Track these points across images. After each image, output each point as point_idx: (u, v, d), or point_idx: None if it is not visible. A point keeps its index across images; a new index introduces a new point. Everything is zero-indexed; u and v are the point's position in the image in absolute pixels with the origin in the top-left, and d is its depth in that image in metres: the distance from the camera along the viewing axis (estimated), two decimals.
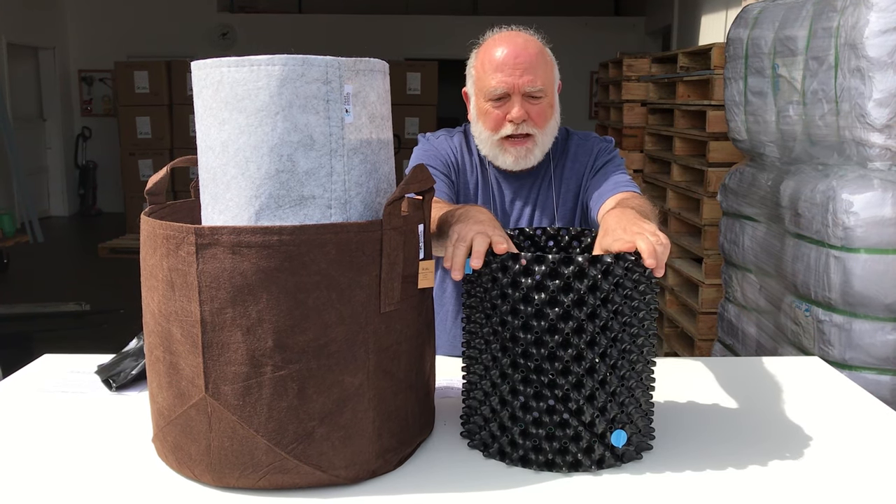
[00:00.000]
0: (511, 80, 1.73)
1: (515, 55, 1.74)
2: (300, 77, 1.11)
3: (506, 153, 1.79)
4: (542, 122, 1.77)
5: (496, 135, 1.78)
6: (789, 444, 1.32)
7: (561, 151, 1.90)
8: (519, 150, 1.78)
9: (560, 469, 1.22)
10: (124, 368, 1.56)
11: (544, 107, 1.77)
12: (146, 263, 1.19)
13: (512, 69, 1.73)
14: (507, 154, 1.79)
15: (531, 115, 1.75)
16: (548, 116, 1.78)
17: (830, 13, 2.31)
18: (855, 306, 2.27)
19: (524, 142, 1.78)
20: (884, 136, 2.20)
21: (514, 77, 1.73)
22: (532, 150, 1.79)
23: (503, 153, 1.79)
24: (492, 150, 1.80)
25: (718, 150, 3.65)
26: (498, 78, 1.74)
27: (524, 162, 1.80)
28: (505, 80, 1.73)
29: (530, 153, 1.79)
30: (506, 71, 1.73)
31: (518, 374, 1.21)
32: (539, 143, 1.79)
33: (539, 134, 1.78)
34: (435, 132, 1.96)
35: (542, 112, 1.77)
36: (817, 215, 2.36)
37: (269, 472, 1.13)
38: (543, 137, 1.79)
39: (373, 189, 1.20)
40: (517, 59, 1.74)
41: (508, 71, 1.73)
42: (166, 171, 1.32)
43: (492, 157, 1.83)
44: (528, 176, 1.88)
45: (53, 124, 10.32)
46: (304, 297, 1.10)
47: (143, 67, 8.43)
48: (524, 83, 1.73)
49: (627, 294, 1.20)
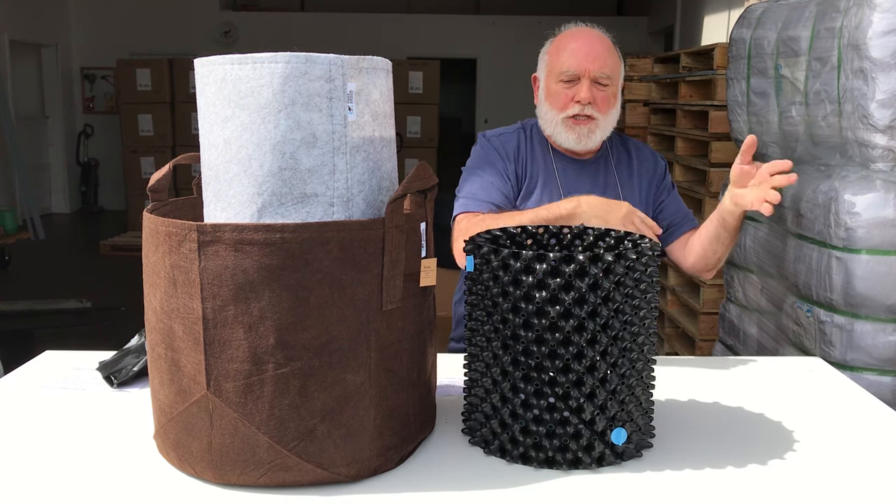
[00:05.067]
0: (584, 64, 1.88)
1: (590, 43, 1.90)
2: (303, 75, 1.12)
3: (569, 131, 1.91)
4: (606, 109, 1.91)
5: (562, 114, 1.90)
6: (790, 445, 1.32)
7: (621, 151, 2.03)
8: (581, 129, 1.90)
9: (560, 467, 1.22)
10: (126, 365, 1.57)
11: (609, 95, 1.91)
12: (148, 260, 1.19)
13: (586, 54, 1.89)
14: (571, 132, 1.91)
15: (597, 100, 1.89)
16: (611, 104, 1.92)
17: (834, 14, 2.31)
18: (857, 307, 2.27)
19: (587, 122, 1.90)
20: (887, 137, 2.20)
21: (587, 62, 1.88)
22: (594, 131, 1.91)
23: (567, 131, 1.91)
24: (555, 128, 1.93)
25: (720, 150, 3.64)
26: (571, 60, 1.89)
27: (586, 141, 1.92)
28: (577, 63, 1.88)
29: (592, 133, 1.91)
30: (579, 55, 1.89)
31: (519, 372, 1.21)
32: (601, 126, 1.92)
33: (601, 119, 1.91)
34: (494, 130, 2.08)
35: (607, 99, 1.91)
36: (819, 216, 2.35)
37: (270, 469, 1.13)
38: (605, 123, 1.92)
39: (375, 187, 1.20)
40: (591, 46, 1.90)
41: (582, 55, 1.89)
42: (169, 168, 1.32)
43: (554, 136, 1.94)
44: (589, 165, 1.99)
45: (55, 121, 10.33)
46: (307, 294, 1.10)
47: (145, 65, 8.44)
48: (595, 68, 1.88)
49: (628, 292, 1.20)
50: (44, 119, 10.26)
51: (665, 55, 4.93)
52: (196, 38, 10.36)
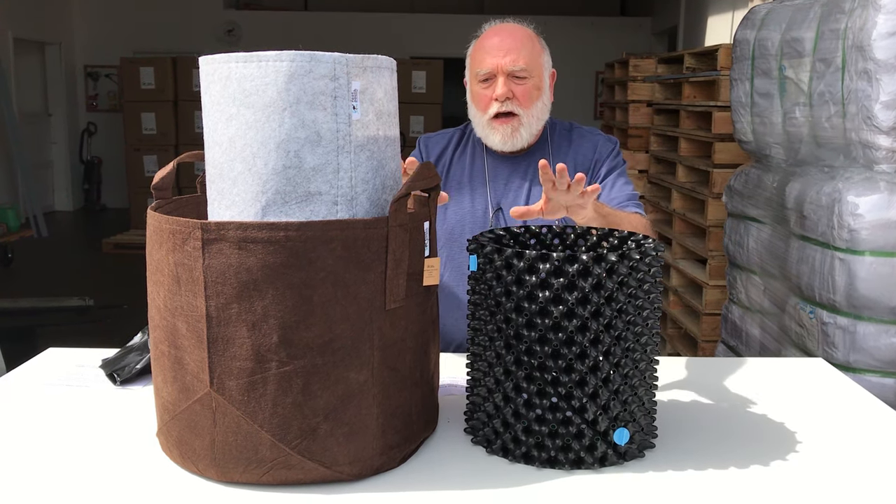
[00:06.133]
0: (495, 61, 1.82)
1: (501, 38, 1.84)
2: (308, 73, 1.12)
3: (494, 132, 1.86)
4: (528, 103, 1.84)
5: (485, 115, 1.85)
6: (792, 445, 1.32)
7: (562, 141, 1.95)
8: (505, 129, 1.84)
9: (562, 466, 1.22)
10: (129, 363, 1.57)
11: (529, 87, 1.83)
12: (152, 258, 1.19)
13: (497, 50, 1.83)
14: (496, 133, 1.86)
15: (515, 94, 1.82)
16: (533, 98, 1.84)
17: (838, 15, 2.31)
18: (859, 309, 2.26)
19: (509, 120, 1.84)
20: (890, 138, 2.19)
21: (498, 57, 1.82)
22: (517, 129, 1.85)
23: (492, 132, 1.86)
24: (483, 130, 1.88)
25: (724, 151, 3.64)
26: (485, 60, 1.83)
27: (511, 141, 1.86)
28: (489, 61, 1.82)
29: (516, 132, 1.85)
30: (492, 52, 1.83)
31: (521, 371, 1.21)
32: (525, 123, 1.85)
33: (524, 114, 1.84)
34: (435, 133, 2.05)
35: (527, 92, 1.83)
36: (823, 217, 2.35)
37: (273, 467, 1.13)
38: (529, 118, 1.85)
39: (379, 186, 1.20)
40: (503, 41, 1.84)
41: (493, 52, 1.83)
42: (173, 167, 1.32)
43: (483, 138, 1.90)
44: (523, 160, 1.93)
45: (59, 119, 10.34)
46: (310, 293, 1.10)
47: (148, 63, 8.44)
48: (507, 63, 1.81)
49: (632, 292, 1.20)
50: (47, 117, 10.27)
51: (668, 56, 4.93)
52: (199, 37, 10.37)
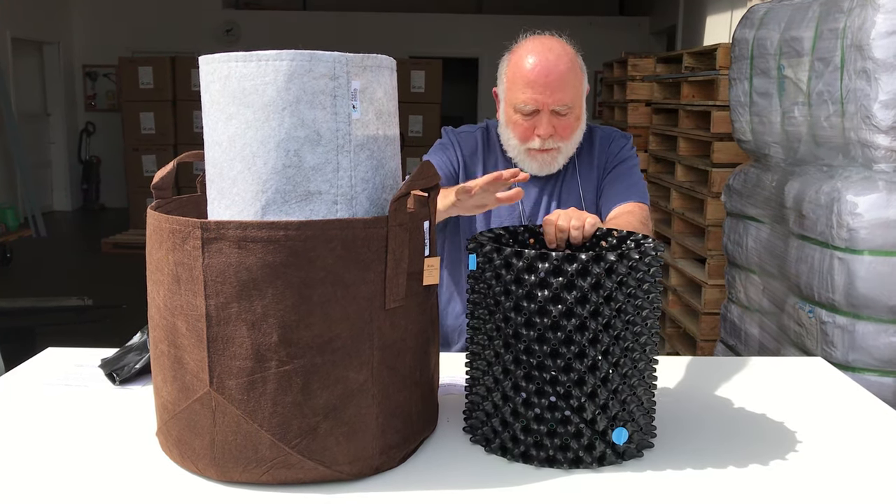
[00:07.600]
0: (541, 99, 1.76)
1: (546, 73, 1.76)
2: (308, 73, 1.12)
3: (532, 160, 1.85)
4: (569, 135, 1.83)
5: (523, 145, 1.83)
6: (791, 445, 1.32)
7: (584, 146, 1.94)
8: (544, 158, 1.84)
9: (561, 466, 1.22)
10: (128, 362, 1.57)
11: (571, 120, 1.81)
12: (152, 257, 1.19)
13: (543, 87, 1.76)
14: (534, 161, 1.85)
15: (558, 130, 1.81)
16: (574, 129, 1.84)
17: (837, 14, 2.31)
18: (858, 308, 2.27)
19: (549, 151, 1.83)
20: (889, 137, 2.20)
21: (545, 96, 1.76)
22: (556, 158, 1.85)
23: (530, 160, 1.85)
24: (518, 156, 1.86)
25: (723, 150, 3.64)
26: (528, 94, 1.77)
27: (548, 168, 1.87)
28: (535, 98, 1.77)
29: (554, 160, 1.85)
30: (536, 88, 1.76)
31: (520, 371, 1.21)
32: (564, 152, 1.85)
33: (564, 145, 1.84)
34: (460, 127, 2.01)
35: (569, 125, 1.82)
36: (822, 216, 2.35)
37: (272, 466, 1.13)
38: (568, 146, 1.85)
39: (379, 185, 1.20)
40: (548, 77, 1.76)
41: (539, 89, 1.76)
42: (173, 166, 1.32)
43: (518, 162, 1.88)
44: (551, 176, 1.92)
45: (57, 119, 10.34)
46: (310, 292, 1.10)
47: (147, 63, 8.43)
48: (553, 102, 1.77)
49: (631, 292, 1.20)
50: (46, 116, 10.26)
51: (667, 55, 4.93)
52: (198, 37, 10.36)
